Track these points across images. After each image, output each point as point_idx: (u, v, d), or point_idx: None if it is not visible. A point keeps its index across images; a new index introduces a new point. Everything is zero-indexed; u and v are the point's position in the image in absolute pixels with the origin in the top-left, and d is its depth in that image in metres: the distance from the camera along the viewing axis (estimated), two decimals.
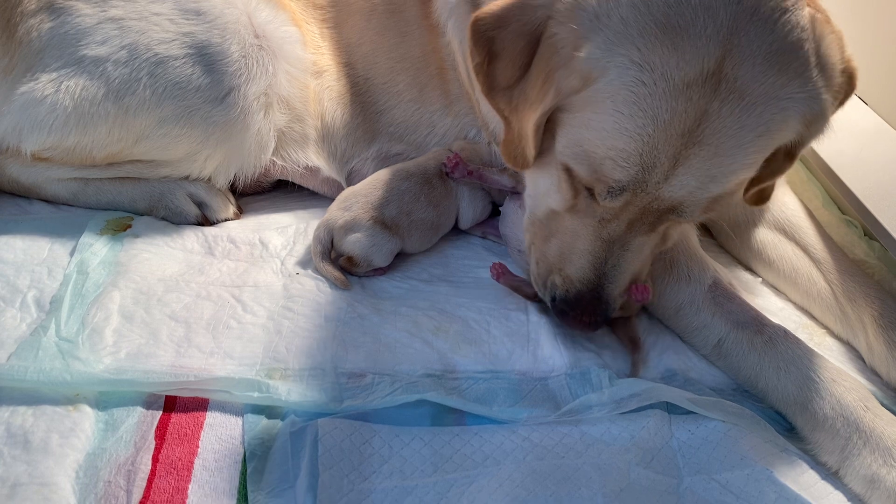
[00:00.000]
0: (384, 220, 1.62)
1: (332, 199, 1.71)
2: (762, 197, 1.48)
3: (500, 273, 1.57)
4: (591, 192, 1.32)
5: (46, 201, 1.80)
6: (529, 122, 1.32)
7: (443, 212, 1.72)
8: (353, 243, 1.59)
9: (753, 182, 1.40)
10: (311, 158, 1.85)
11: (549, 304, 1.45)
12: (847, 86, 1.28)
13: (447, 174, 1.71)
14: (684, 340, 1.52)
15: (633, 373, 1.43)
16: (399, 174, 1.70)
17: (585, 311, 1.38)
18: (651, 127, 1.18)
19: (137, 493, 1.17)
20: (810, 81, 1.20)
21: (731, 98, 1.17)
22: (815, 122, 1.24)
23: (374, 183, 1.69)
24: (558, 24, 1.24)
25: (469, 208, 1.76)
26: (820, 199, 1.85)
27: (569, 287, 1.39)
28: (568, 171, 1.34)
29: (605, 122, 1.22)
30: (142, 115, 1.64)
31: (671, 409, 1.35)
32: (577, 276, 1.38)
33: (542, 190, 1.45)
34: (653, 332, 1.53)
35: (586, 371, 1.40)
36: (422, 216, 1.67)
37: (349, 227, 1.60)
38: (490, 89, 1.36)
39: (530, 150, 1.37)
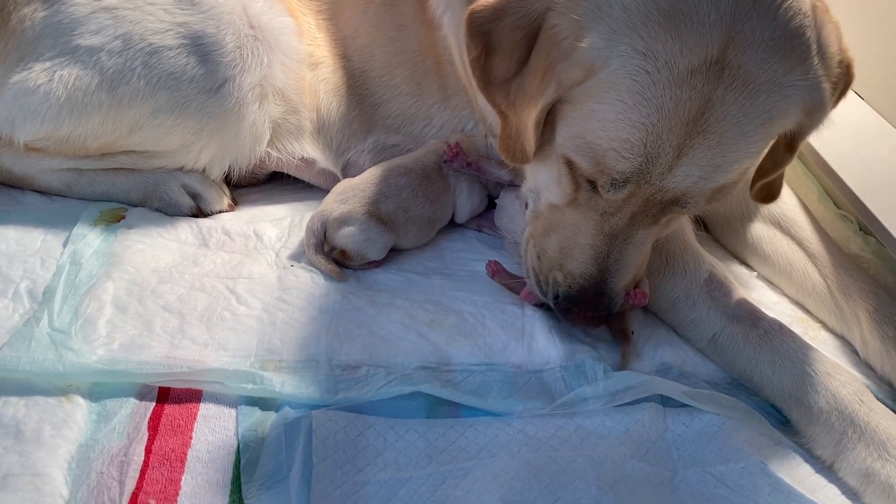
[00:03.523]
0: (380, 214, 1.61)
1: (328, 192, 1.70)
2: (770, 193, 1.47)
3: (496, 271, 1.56)
4: (592, 185, 1.30)
5: (40, 192, 1.79)
6: (529, 117, 1.31)
7: (439, 207, 1.71)
8: (347, 237, 1.58)
9: (758, 176, 1.39)
10: (307, 150, 1.85)
11: (550, 303, 1.44)
12: (846, 76, 1.28)
13: (446, 162, 1.70)
14: (679, 334, 1.52)
15: (623, 365, 1.43)
16: (397, 170, 1.69)
17: (589, 307, 1.37)
18: (655, 116, 1.17)
19: (130, 484, 1.17)
20: (812, 69, 1.20)
21: (735, 85, 1.16)
22: (816, 110, 1.24)
23: (371, 178, 1.68)
24: (558, 15, 1.23)
25: (466, 202, 1.75)
26: (815, 193, 1.85)
27: (571, 283, 1.37)
28: (569, 164, 1.32)
29: (608, 113, 1.21)
30: (136, 105, 1.64)
31: (666, 402, 1.35)
32: (580, 272, 1.36)
33: (542, 184, 1.44)
34: (648, 326, 1.53)
35: (581, 364, 1.40)
36: (419, 212, 1.66)
37: (343, 221, 1.59)
38: (487, 84, 1.35)
39: (530, 145, 1.35)
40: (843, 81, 1.28)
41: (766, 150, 1.33)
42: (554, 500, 1.15)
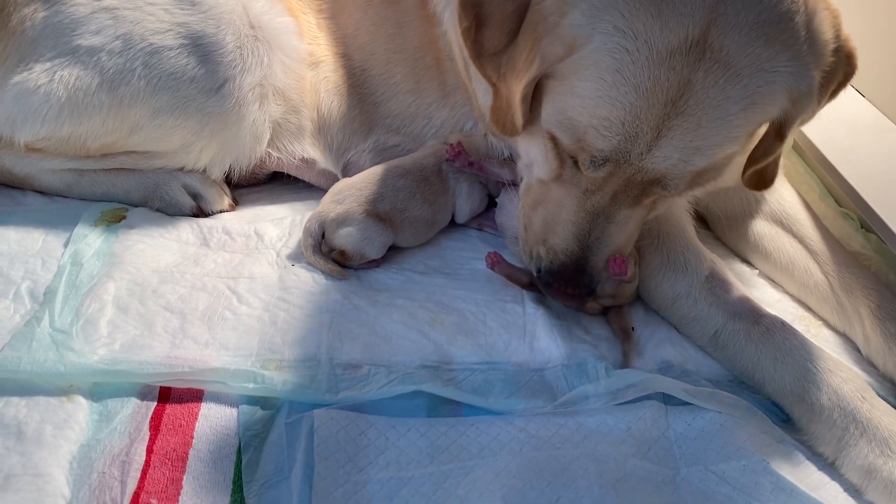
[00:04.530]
0: (378, 213, 1.61)
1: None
2: (762, 181, 1.46)
3: (496, 262, 1.56)
4: (575, 161, 1.31)
5: (40, 192, 1.79)
6: (517, 91, 1.32)
7: (438, 209, 1.71)
8: (345, 237, 1.58)
9: (749, 163, 1.39)
10: (307, 150, 1.84)
11: (534, 274, 1.45)
12: (846, 66, 1.27)
13: (448, 161, 1.70)
14: (681, 332, 1.52)
15: (625, 363, 1.43)
16: (395, 171, 1.69)
17: (569, 282, 1.38)
18: (633, 95, 1.18)
19: (132, 484, 1.17)
20: (798, 56, 1.19)
21: (716, 68, 1.15)
22: (802, 98, 1.23)
23: (369, 177, 1.67)
24: None
25: (466, 203, 1.75)
26: (817, 191, 1.85)
27: (553, 258, 1.39)
28: (553, 139, 1.33)
29: (588, 90, 1.21)
30: (136, 105, 1.64)
31: (667, 400, 1.34)
32: (561, 248, 1.38)
33: (532, 158, 1.46)
34: (649, 324, 1.53)
35: (583, 362, 1.40)
36: (416, 214, 1.66)
37: (341, 221, 1.59)
38: (478, 55, 1.36)
39: (518, 119, 1.36)
40: (844, 71, 1.27)
41: (754, 137, 1.33)
42: (556, 499, 1.15)
